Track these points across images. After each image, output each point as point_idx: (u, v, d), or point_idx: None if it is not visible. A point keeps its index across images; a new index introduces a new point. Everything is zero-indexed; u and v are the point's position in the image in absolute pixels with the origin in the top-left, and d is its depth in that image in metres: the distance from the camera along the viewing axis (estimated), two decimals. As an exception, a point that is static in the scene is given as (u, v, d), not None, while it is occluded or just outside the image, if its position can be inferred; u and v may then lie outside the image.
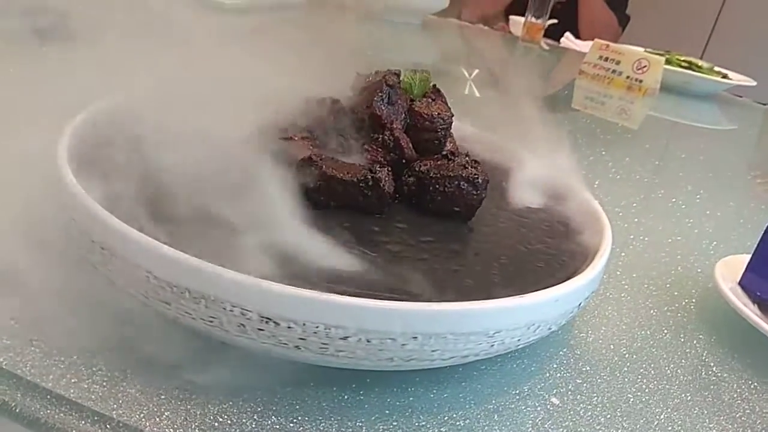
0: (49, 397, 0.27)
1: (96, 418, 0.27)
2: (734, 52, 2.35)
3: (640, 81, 1.29)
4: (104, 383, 0.29)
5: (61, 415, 0.27)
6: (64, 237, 0.33)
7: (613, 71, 1.33)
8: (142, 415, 0.28)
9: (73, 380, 0.28)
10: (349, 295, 0.28)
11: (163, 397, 0.29)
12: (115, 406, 0.28)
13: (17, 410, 0.27)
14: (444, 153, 0.42)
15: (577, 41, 1.82)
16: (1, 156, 0.35)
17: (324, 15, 1.58)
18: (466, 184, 0.40)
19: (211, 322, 0.28)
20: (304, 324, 0.27)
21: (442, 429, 0.31)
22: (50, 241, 0.33)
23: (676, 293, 0.49)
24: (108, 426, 0.27)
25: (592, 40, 1.43)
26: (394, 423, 0.30)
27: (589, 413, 0.34)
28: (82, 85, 0.41)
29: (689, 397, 0.37)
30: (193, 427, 0.28)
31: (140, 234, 0.29)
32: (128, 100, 0.45)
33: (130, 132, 0.39)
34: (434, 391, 0.33)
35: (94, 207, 0.30)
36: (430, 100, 0.45)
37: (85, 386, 0.28)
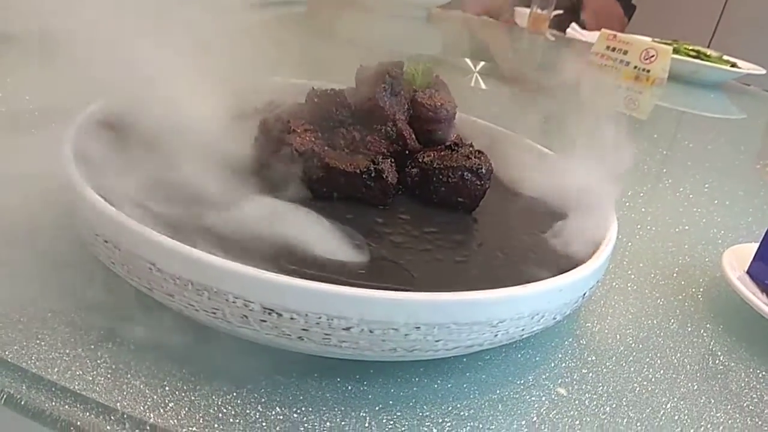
0: (54, 389, 0.28)
1: (101, 409, 0.27)
2: (742, 41, 2.32)
3: (648, 71, 1.28)
4: (109, 375, 0.29)
5: (66, 407, 0.27)
6: (67, 230, 0.33)
7: (621, 61, 1.32)
8: (146, 406, 0.28)
9: (77, 372, 0.29)
10: (352, 286, 0.28)
11: (167, 388, 0.29)
12: (119, 397, 0.28)
13: (22, 402, 0.27)
14: (447, 144, 0.42)
15: (584, 32, 1.80)
16: (6, 151, 0.35)
17: (329, 10, 1.58)
18: (469, 175, 0.39)
19: (214, 313, 0.28)
20: (306, 315, 0.27)
21: (446, 419, 0.30)
22: (54, 234, 0.33)
23: (683, 282, 0.49)
24: (112, 417, 0.27)
25: (598, 30, 1.41)
26: (398, 413, 0.30)
27: (595, 403, 0.34)
28: (85, 82, 0.41)
29: (696, 387, 0.37)
30: (197, 417, 0.28)
31: (143, 226, 0.29)
32: (130, 95, 0.45)
33: (133, 126, 0.39)
34: (438, 381, 0.33)
35: (96, 200, 0.30)
36: (433, 90, 0.45)
37: (90, 378, 0.28)
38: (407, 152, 0.41)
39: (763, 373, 0.39)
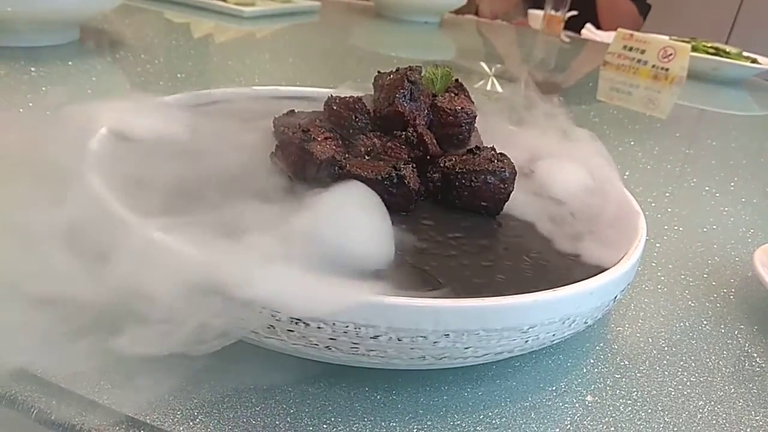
0: (83, 403, 0.27)
1: (130, 423, 0.27)
2: (760, 37, 2.29)
3: (667, 69, 1.27)
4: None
5: (96, 421, 0.27)
6: (83, 241, 0.33)
7: (639, 61, 1.30)
8: (175, 419, 0.27)
9: (106, 386, 0.28)
10: (378, 294, 0.28)
11: (195, 401, 0.29)
12: (149, 411, 0.28)
13: (52, 417, 0.27)
14: (469, 147, 0.42)
15: (599, 32, 1.79)
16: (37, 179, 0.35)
17: (341, 19, 1.59)
18: (492, 178, 0.39)
19: (241, 323, 0.28)
20: (333, 324, 0.27)
21: (478, 428, 0.30)
22: (75, 246, 0.33)
23: (714, 283, 0.48)
24: (142, 431, 0.27)
25: (613, 30, 1.40)
26: (429, 423, 0.30)
27: (629, 408, 0.33)
28: (113, 95, 0.41)
29: (732, 390, 0.36)
30: (226, 430, 0.27)
31: (167, 239, 0.28)
32: (149, 109, 0.45)
33: (154, 137, 0.39)
34: (468, 389, 0.32)
35: (116, 208, 0.30)
36: (452, 94, 0.44)
37: (119, 392, 0.28)
38: (429, 157, 0.41)
39: (803, 374, 0.38)
